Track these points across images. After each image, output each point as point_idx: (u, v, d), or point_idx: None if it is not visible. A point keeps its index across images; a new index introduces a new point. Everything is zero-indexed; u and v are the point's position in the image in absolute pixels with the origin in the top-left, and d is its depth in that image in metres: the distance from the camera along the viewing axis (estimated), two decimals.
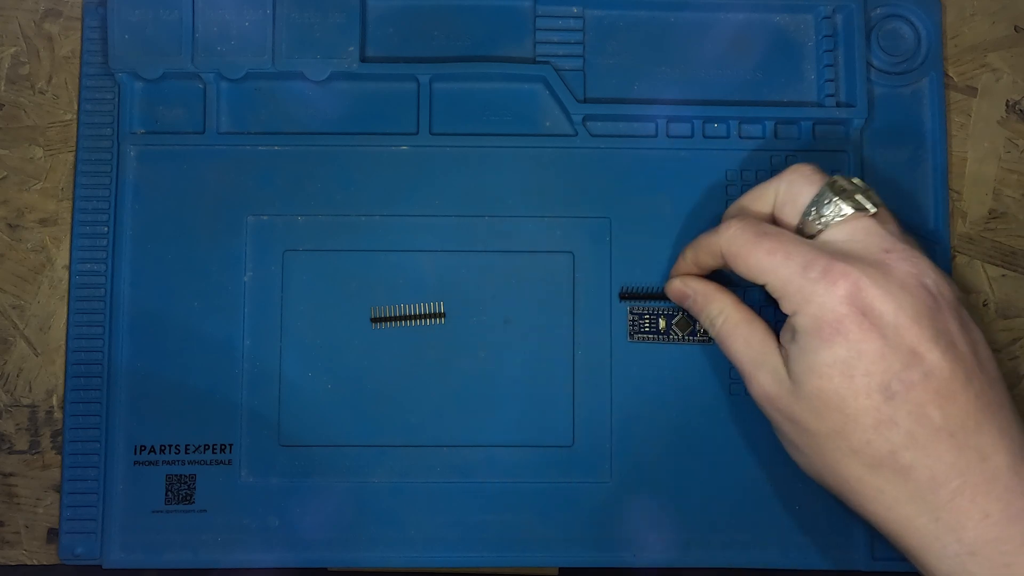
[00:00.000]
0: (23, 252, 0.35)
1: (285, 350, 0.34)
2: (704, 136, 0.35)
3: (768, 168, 0.35)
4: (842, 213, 0.28)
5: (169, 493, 0.33)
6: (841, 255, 0.27)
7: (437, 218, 0.35)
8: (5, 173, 0.35)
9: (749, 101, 0.35)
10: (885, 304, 0.26)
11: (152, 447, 0.33)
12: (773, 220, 0.30)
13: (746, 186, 0.35)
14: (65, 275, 0.35)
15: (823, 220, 0.28)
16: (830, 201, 0.28)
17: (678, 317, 0.34)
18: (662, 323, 0.34)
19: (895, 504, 0.26)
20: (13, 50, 0.36)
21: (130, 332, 0.34)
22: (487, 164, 0.35)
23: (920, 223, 0.35)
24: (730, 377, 0.34)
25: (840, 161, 0.35)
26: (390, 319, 0.33)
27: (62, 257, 0.35)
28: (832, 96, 0.35)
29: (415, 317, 0.33)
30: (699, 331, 0.34)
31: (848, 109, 0.35)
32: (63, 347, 0.34)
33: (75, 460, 0.33)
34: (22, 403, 0.34)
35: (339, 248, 0.34)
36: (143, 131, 0.35)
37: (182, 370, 0.34)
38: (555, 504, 0.33)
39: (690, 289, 0.32)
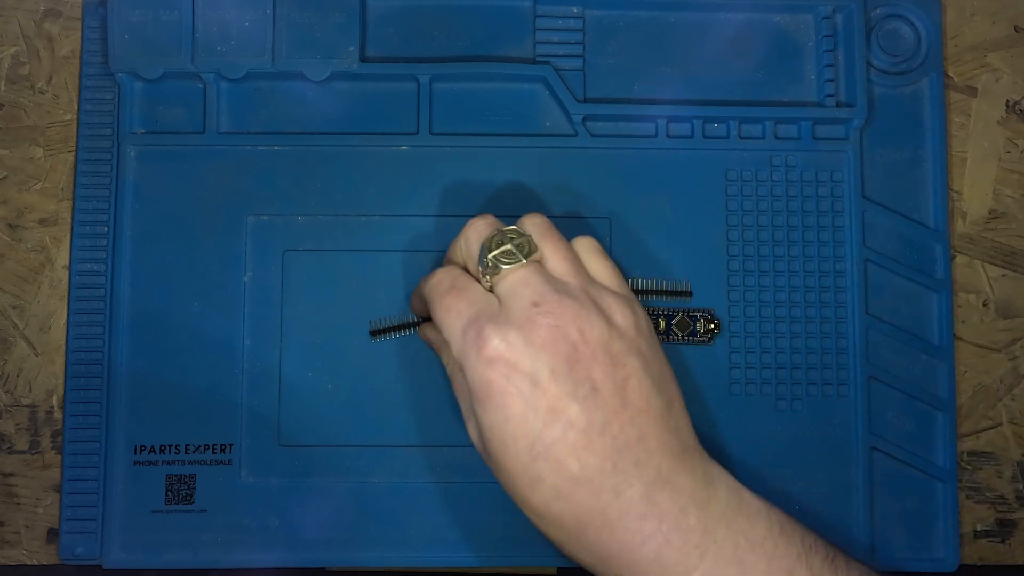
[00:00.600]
0: (23, 252, 0.35)
1: (285, 350, 0.34)
2: (704, 136, 0.35)
3: (768, 168, 0.35)
4: (499, 269, 0.28)
5: (169, 493, 0.33)
6: (495, 315, 0.27)
7: (437, 218, 0.35)
8: (5, 173, 0.35)
9: (749, 101, 0.35)
10: (525, 366, 0.26)
11: (152, 447, 0.33)
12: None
13: (746, 186, 0.35)
14: (65, 275, 0.35)
15: (487, 277, 0.28)
16: (486, 259, 0.28)
17: (678, 317, 0.34)
18: (662, 323, 0.34)
19: (563, 544, 0.28)
20: (13, 50, 0.36)
21: (130, 332, 0.34)
22: (487, 164, 0.35)
23: (920, 223, 0.35)
24: (730, 377, 0.34)
25: (840, 161, 0.35)
26: (387, 330, 0.33)
27: (62, 257, 0.35)
28: (832, 96, 0.35)
29: (414, 325, 0.33)
30: (699, 332, 0.34)
31: (848, 109, 0.35)
32: (63, 347, 0.34)
33: (75, 460, 0.33)
34: (22, 403, 0.34)
35: (339, 248, 0.34)
36: (143, 131, 0.35)
37: (182, 370, 0.34)
38: None
39: (427, 337, 0.32)
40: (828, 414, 0.34)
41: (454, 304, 0.28)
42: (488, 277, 0.28)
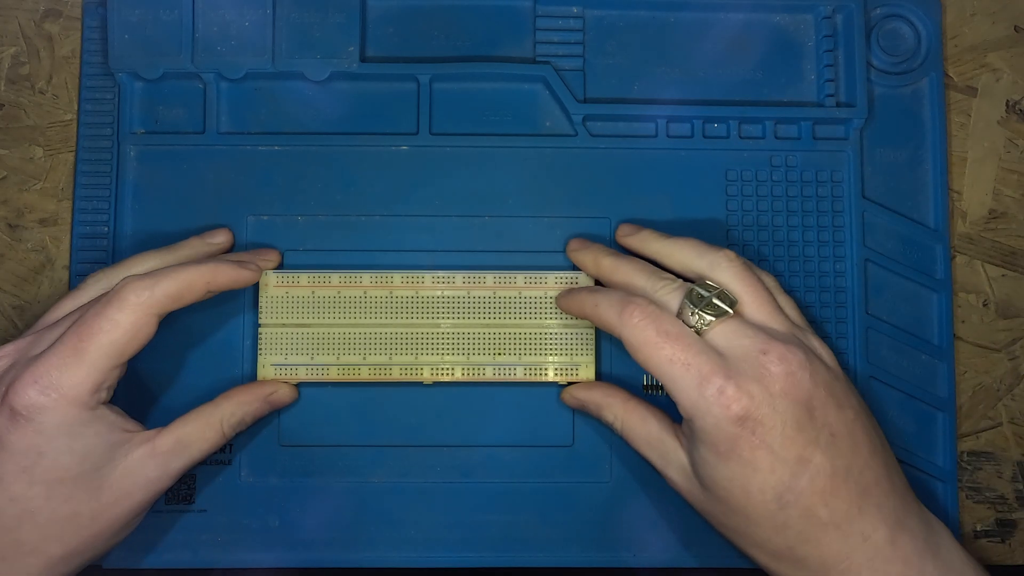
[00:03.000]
0: (23, 252, 0.35)
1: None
2: (704, 136, 0.35)
3: (768, 168, 0.35)
4: (706, 322, 0.29)
5: (169, 493, 0.33)
6: (730, 370, 0.28)
7: (437, 218, 0.35)
8: (5, 173, 0.35)
9: (749, 101, 0.35)
10: (771, 419, 0.27)
11: None
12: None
13: (746, 186, 0.35)
14: (65, 275, 0.35)
15: (694, 329, 0.29)
16: (692, 313, 0.29)
17: None
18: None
19: None
20: (13, 50, 0.36)
21: None
22: (487, 164, 0.35)
23: (920, 223, 0.35)
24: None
25: (840, 161, 0.35)
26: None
27: (62, 257, 0.35)
28: (832, 96, 0.35)
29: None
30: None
31: (848, 109, 0.35)
32: None
33: None
34: None
35: (339, 248, 0.34)
36: (143, 131, 0.35)
37: (182, 370, 0.34)
38: (555, 504, 0.33)
39: (580, 401, 0.33)
40: None
41: (678, 355, 0.28)
42: (695, 329, 0.29)
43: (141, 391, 0.34)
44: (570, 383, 0.33)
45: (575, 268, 0.34)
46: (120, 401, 0.33)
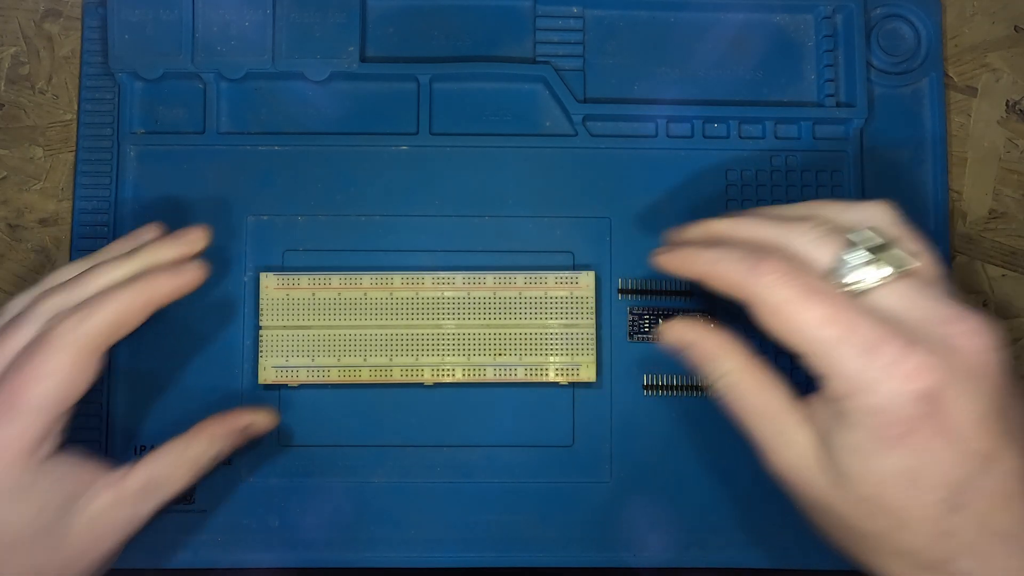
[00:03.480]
0: (23, 252, 0.35)
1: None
2: (704, 136, 0.35)
3: (768, 168, 0.35)
4: (880, 278, 0.23)
5: None
6: (910, 336, 0.22)
7: (437, 218, 0.35)
8: (5, 173, 0.35)
9: (749, 101, 0.35)
10: (959, 402, 0.22)
11: (152, 447, 0.33)
12: None
13: (746, 186, 0.35)
14: None
15: (855, 286, 0.24)
16: (861, 264, 0.23)
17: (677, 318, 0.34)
18: (662, 323, 0.34)
19: None
20: (13, 50, 0.36)
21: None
22: (487, 164, 0.35)
23: (920, 223, 0.35)
24: None
25: (840, 161, 0.35)
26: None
27: (62, 257, 0.35)
28: (832, 96, 0.35)
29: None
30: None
31: (848, 109, 0.35)
32: None
33: None
34: None
35: (339, 248, 0.34)
36: (143, 131, 0.35)
37: (182, 370, 0.34)
38: (555, 504, 0.34)
39: (694, 337, 0.27)
40: None
41: (837, 316, 0.23)
42: (857, 286, 0.23)
43: (141, 393, 0.34)
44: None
45: (575, 268, 0.34)
46: (119, 405, 0.33)
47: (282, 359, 0.33)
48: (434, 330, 0.33)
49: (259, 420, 0.31)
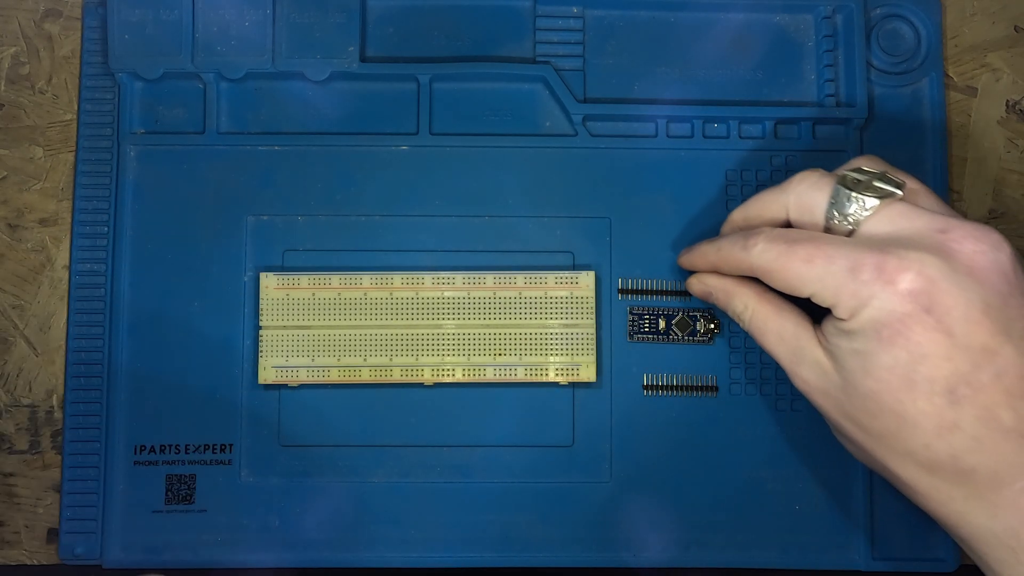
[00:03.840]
0: (23, 252, 0.35)
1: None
2: (704, 136, 0.35)
3: (768, 168, 0.35)
4: (868, 206, 0.25)
5: (169, 493, 0.33)
6: (891, 248, 0.24)
7: (437, 218, 0.35)
8: (5, 173, 0.35)
9: (749, 101, 0.35)
10: (952, 297, 0.23)
11: (152, 447, 0.33)
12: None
13: (746, 187, 0.35)
14: (65, 275, 0.35)
15: (850, 219, 0.25)
16: (849, 199, 0.25)
17: (678, 317, 0.34)
18: (662, 323, 0.34)
19: (949, 501, 0.25)
20: (13, 50, 0.36)
21: (130, 332, 0.34)
22: (487, 164, 0.35)
23: None
24: (730, 377, 0.34)
25: (840, 161, 0.35)
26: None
27: (62, 257, 0.35)
28: (832, 96, 0.35)
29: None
30: (699, 332, 0.34)
31: (848, 109, 0.35)
32: (63, 347, 0.34)
33: (75, 460, 0.33)
34: (22, 403, 0.34)
35: (339, 248, 0.34)
36: (143, 131, 0.35)
37: (182, 370, 0.34)
38: (555, 504, 0.34)
39: (708, 287, 0.31)
40: None
41: (816, 252, 0.25)
42: (851, 219, 0.25)
43: (141, 393, 0.34)
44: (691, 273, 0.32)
45: (575, 268, 0.34)
46: (119, 405, 0.34)
47: (282, 359, 0.33)
48: (434, 330, 0.33)
49: None
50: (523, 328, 0.33)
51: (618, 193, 0.35)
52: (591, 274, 0.34)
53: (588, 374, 0.33)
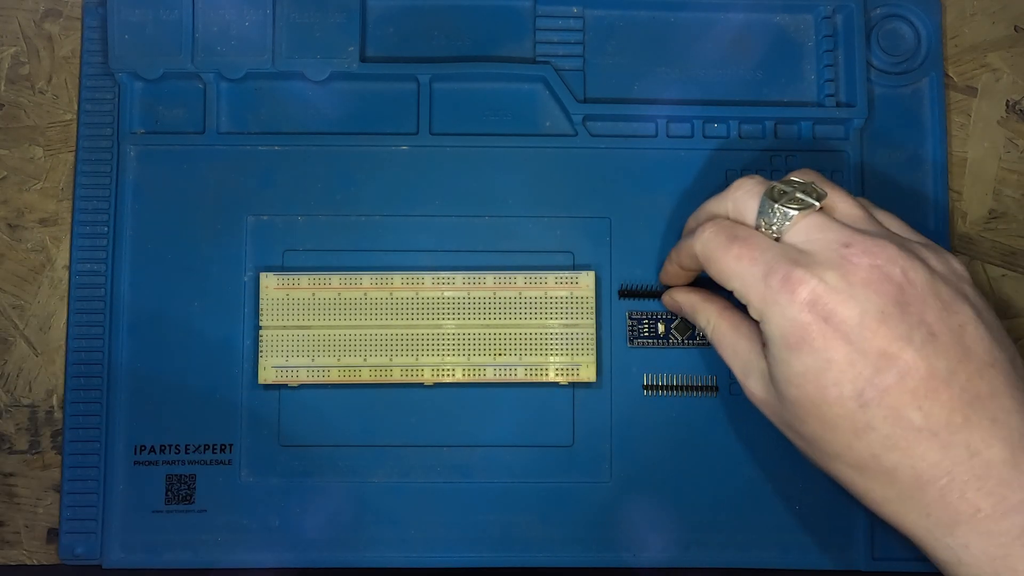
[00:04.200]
0: (23, 252, 0.35)
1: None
2: (704, 136, 0.35)
3: (768, 168, 0.35)
4: (788, 217, 0.27)
5: (169, 493, 0.33)
6: (801, 259, 0.26)
7: (437, 218, 0.35)
8: (5, 173, 0.35)
9: (749, 101, 0.35)
10: (847, 307, 0.25)
11: (152, 447, 0.33)
12: None
13: None
14: (65, 275, 0.35)
15: (774, 228, 0.27)
16: (772, 209, 0.27)
17: (677, 321, 0.34)
18: (661, 327, 0.34)
19: (885, 502, 0.26)
20: (13, 50, 0.36)
21: (130, 332, 0.34)
22: (487, 164, 0.35)
23: (920, 223, 0.35)
24: (730, 378, 0.34)
25: (840, 161, 0.35)
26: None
27: (62, 257, 0.35)
28: (832, 96, 0.35)
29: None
30: (698, 335, 0.34)
31: (848, 109, 0.35)
32: (63, 347, 0.34)
33: (75, 460, 0.33)
34: (22, 403, 0.34)
35: (339, 248, 0.34)
36: (143, 131, 0.35)
37: (182, 370, 0.34)
38: (555, 504, 0.34)
39: (677, 302, 0.33)
40: None
41: (745, 252, 0.27)
42: (775, 228, 0.27)
43: (141, 393, 0.34)
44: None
45: (575, 268, 0.34)
46: (119, 405, 0.33)
47: (282, 359, 0.33)
48: (434, 330, 0.33)
49: None
50: (523, 328, 0.33)
51: (618, 193, 0.35)
52: (591, 274, 0.34)
53: (588, 374, 0.33)
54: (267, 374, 0.33)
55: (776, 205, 0.27)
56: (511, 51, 0.36)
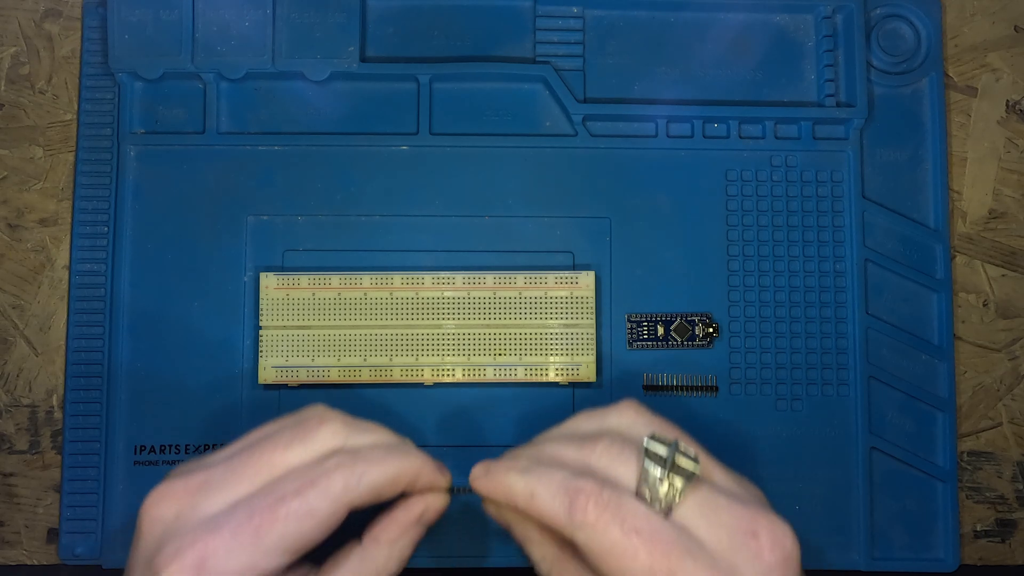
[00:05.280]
0: (23, 252, 0.35)
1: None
2: (704, 136, 0.35)
3: (768, 168, 0.35)
4: (680, 490, 0.23)
5: None
6: (704, 559, 0.23)
7: (437, 218, 0.35)
8: (5, 173, 0.35)
9: (749, 101, 0.35)
10: None
11: (152, 447, 0.33)
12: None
13: (746, 186, 0.35)
14: (65, 275, 0.35)
15: (663, 503, 0.23)
16: (659, 481, 0.23)
17: (676, 323, 0.34)
18: (660, 330, 0.34)
19: None
20: (13, 50, 0.36)
21: (130, 332, 0.34)
22: (487, 164, 0.35)
23: (920, 223, 0.35)
24: (730, 377, 0.34)
25: (840, 161, 0.35)
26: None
27: (62, 257, 0.35)
28: (832, 96, 0.35)
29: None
30: (697, 336, 0.34)
31: (848, 109, 0.35)
32: (63, 347, 0.34)
33: (75, 460, 0.33)
34: (22, 403, 0.34)
35: (339, 248, 0.34)
36: (143, 131, 0.35)
37: (182, 370, 0.34)
38: None
39: (509, 521, 0.27)
40: (828, 414, 0.34)
41: (659, 564, 0.22)
42: (662, 501, 0.23)
43: (141, 393, 0.34)
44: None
45: (575, 268, 0.34)
46: (119, 405, 0.33)
47: (282, 359, 0.33)
48: (434, 330, 0.33)
49: (432, 503, 0.27)
50: (523, 328, 0.33)
51: (618, 193, 0.35)
52: (591, 274, 0.34)
53: (588, 374, 0.33)
54: (267, 374, 0.33)
55: (664, 474, 0.23)
56: (511, 51, 0.36)
